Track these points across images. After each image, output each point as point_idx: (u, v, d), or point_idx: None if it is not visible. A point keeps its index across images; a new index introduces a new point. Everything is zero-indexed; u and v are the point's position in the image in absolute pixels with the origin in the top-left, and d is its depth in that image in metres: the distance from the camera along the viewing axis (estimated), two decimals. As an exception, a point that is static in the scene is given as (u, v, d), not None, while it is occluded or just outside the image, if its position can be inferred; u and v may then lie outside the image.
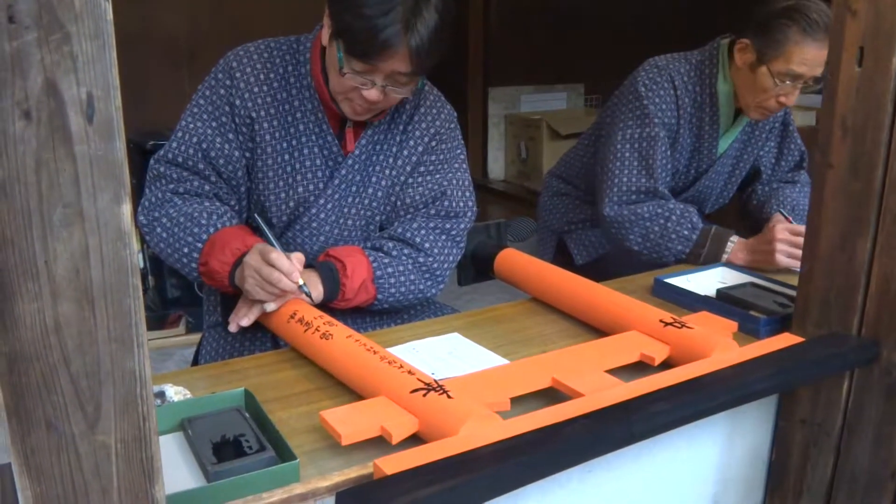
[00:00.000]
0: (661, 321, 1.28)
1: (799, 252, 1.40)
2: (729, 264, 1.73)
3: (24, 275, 0.59)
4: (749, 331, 1.37)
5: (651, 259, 1.86)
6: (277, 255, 1.30)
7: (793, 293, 1.38)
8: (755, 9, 1.84)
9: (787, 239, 1.71)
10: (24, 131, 0.57)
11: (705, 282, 1.61)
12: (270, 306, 1.35)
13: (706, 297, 1.50)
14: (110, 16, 0.58)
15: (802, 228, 1.42)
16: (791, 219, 1.93)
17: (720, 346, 1.19)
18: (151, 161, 1.48)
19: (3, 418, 0.62)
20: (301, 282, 1.31)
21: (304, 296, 1.36)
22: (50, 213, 0.59)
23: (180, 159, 1.45)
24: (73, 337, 0.62)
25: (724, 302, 1.47)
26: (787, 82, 1.80)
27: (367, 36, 1.31)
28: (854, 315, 1.21)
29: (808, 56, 1.76)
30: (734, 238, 1.79)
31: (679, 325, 1.26)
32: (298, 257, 1.34)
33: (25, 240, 0.59)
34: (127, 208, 0.62)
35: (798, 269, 1.31)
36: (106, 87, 0.59)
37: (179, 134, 1.47)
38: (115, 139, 0.60)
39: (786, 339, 1.24)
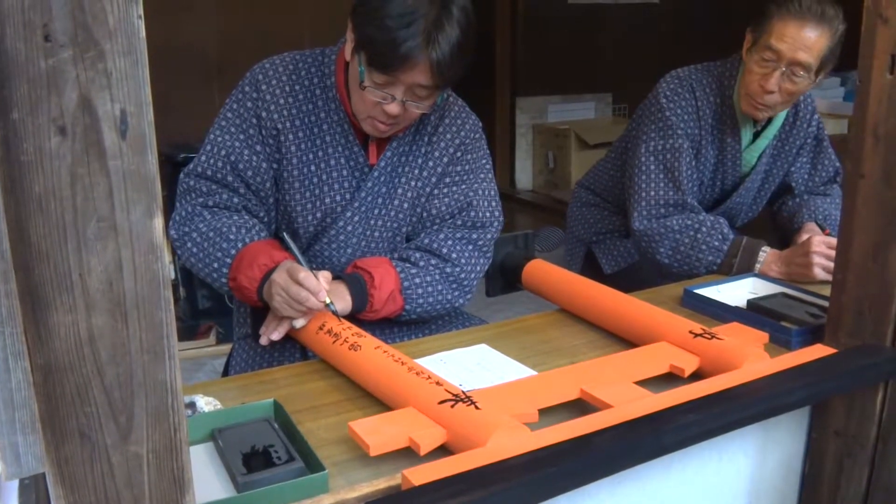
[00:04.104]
0: (690, 332, 1.27)
1: None
2: (760, 275, 1.71)
3: (59, 287, 0.60)
4: (780, 342, 1.35)
5: (682, 272, 1.84)
6: (306, 275, 1.30)
7: (825, 303, 1.37)
8: None
9: (823, 252, 1.67)
10: (59, 147, 0.58)
11: (735, 292, 1.60)
12: (299, 322, 1.35)
13: (736, 308, 1.48)
14: (143, 33, 0.59)
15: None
16: (828, 230, 1.90)
17: (751, 358, 1.18)
18: (181, 175, 1.50)
19: (38, 429, 0.63)
20: (328, 300, 1.32)
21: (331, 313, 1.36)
22: (84, 227, 0.60)
23: (209, 172, 1.47)
24: (106, 348, 0.63)
25: (755, 312, 1.46)
26: (769, 61, 1.79)
27: (388, 47, 1.32)
28: (888, 326, 1.19)
29: (788, 32, 1.76)
30: (766, 248, 1.77)
31: (709, 336, 1.25)
32: (325, 276, 1.34)
33: (60, 253, 0.60)
34: (159, 222, 0.63)
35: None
36: (139, 103, 0.60)
37: (208, 147, 1.49)
38: (148, 154, 0.61)
39: (818, 350, 1.22)
